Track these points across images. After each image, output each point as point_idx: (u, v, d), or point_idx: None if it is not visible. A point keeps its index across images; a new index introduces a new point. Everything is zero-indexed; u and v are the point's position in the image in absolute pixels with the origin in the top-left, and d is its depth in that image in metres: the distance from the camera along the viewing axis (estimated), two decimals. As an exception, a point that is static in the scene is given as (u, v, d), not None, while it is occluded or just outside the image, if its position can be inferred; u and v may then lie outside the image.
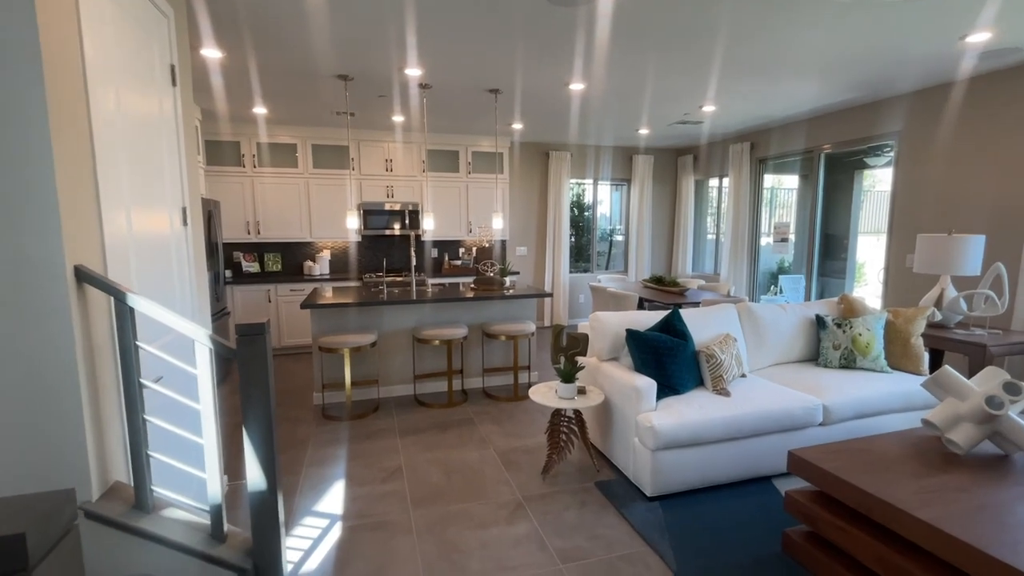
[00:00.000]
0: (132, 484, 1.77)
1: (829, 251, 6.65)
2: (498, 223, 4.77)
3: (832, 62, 3.64)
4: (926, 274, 4.27)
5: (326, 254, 6.13)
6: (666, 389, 2.82)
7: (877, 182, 6.85)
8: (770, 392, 2.88)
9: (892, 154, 4.80)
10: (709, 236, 7.82)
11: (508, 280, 4.74)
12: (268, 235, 5.78)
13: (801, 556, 2.12)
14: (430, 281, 5.95)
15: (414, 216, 6.10)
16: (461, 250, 6.63)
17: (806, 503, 2.11)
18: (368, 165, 5.98)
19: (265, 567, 1.80)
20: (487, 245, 6.43)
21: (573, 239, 7.57)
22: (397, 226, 6.05)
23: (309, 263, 5.99)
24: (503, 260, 5.46)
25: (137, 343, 1.67)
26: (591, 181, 7.44)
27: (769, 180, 6.63)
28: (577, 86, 4.19)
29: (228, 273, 5.78)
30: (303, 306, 3.81)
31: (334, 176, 5.89)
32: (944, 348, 3.51)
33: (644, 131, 6.21)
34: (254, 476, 1.72)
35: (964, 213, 4.11)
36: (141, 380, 1.69)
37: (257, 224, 5.72)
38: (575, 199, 7.63)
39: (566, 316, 7.23)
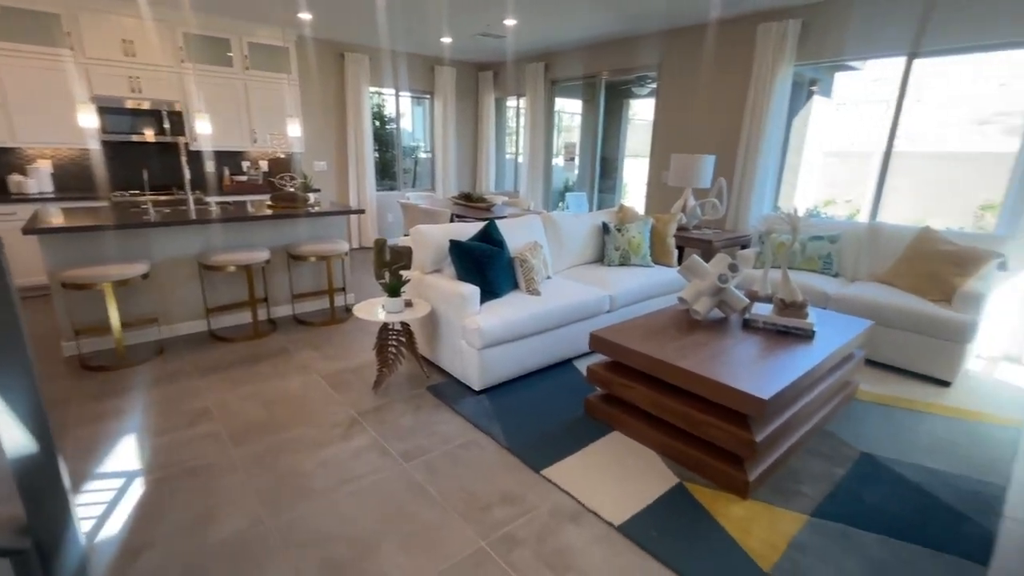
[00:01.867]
0: None
1: (604, 171, 7.68)
2: (295, 130, 4.21)
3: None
4: (676, 186, 5.30)
5: (44, 166, 4.62)
6: (487, 294, 3.04)
7: (638, 112, 8.02)
8: (571, 289, 3.35)
9: (653, 85, 5.64)
10: (508, 155, 8.24)
11: (312, 197, 4.31)
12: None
13: (599, 414, 2.64)
14: (211, 200, 5.02)
15: (176, 119, 4.94)
16: (246, 163, 5.69)
17: (602, 371, 2.60)
18: (96, 45, 4.51)
19: (52, 543, 1.48)
20: (282, 157, 5.64)
21: (377, 155, 7.15)
22: (149, 131, 4.83)
23: (18, 177, 4.45)
24: (302, 174, 4.90)
25: None
26: (392, 92, 7.00)
27: (559, 103, 7.18)
28: (377, -24, 3.77)
29: None
30: (28, 231, 2.88)
31: (41, 57, 4.32)
32: (687, 245, 4.51)
33: (447, 40, 6.00)
34: (15, 436, 1.35)
35: (701, 137, 5.16)
36: None
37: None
38: (376, 110, 7.12)
39: (375, 235, 6.98)
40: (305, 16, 5.02)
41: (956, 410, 2.82)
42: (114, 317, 3.14)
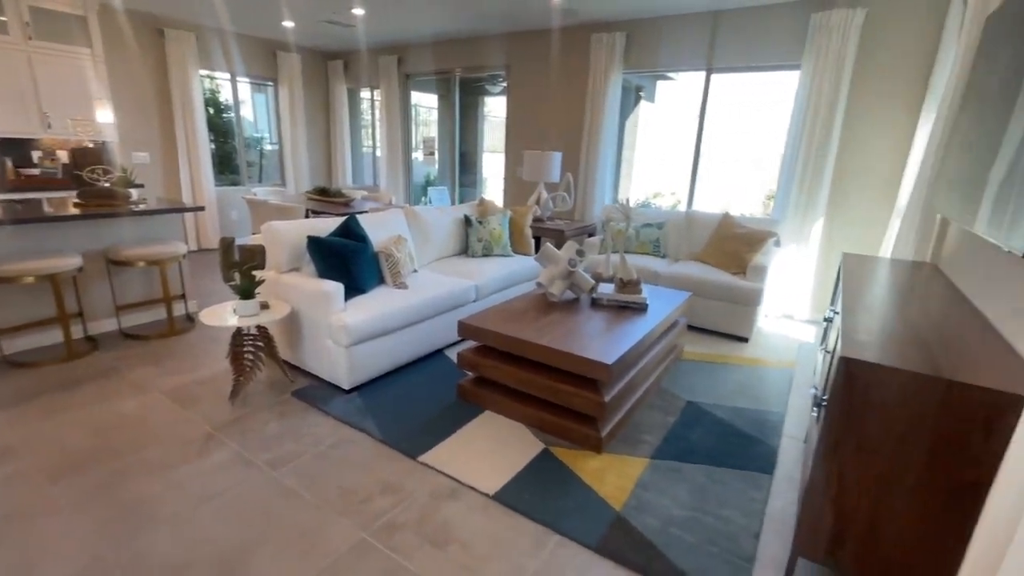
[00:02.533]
0: None
1: (464, 165, 7.87)
2: (104, 116, 3.62)
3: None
4: (530, 181, 5.65)
5: None
6: (352, 290, 2.99)
7: (493, 108, 8.35)
8: (437, 281, 3.44)
9: (504, 84, 5.94)
10: (365, 148, 7.99)
11: (134, 193, 3.76)
12: None
13: (471, 397, 2.79)
14: (-13, 199, 4.08)
15: (-74, 97, 3.91)
16: (37, 154, 4.72)
17: (472, 356, 2.74)
18: None
19: None
20: (90, 147, 4.78)
21: (214, 146, 6.42)
22: None
23: None
24: (121, 168, 4.23)
25: None
26: (227, 76, 6.33)
27: (414, 97, 7.16)
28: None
29: None
30: None
31: None
32: (542, 235, 4.87)
33: (289, 24, 5.61)
34: None
35: (549, 134, 5.58)
36: None
37: None
38: (209, 96, 6.38)
39: (218, 235, 6.29)
40: (108, -18, 4.31)
41: (751, 359, 3.52)
42: None
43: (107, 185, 3.67)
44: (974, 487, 1.33)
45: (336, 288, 2.80)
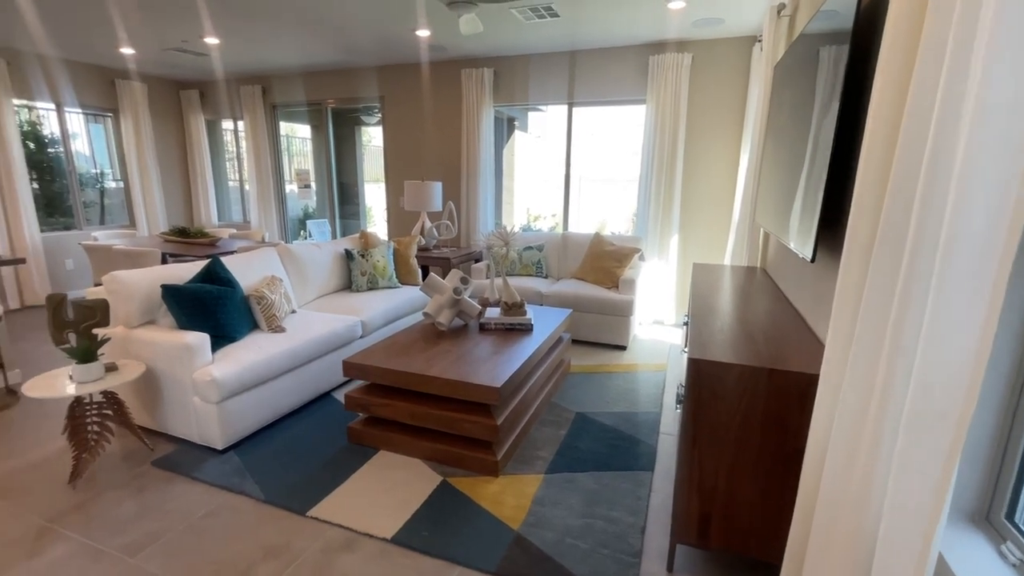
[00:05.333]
0: None
1: (344, 197, 7.64)
2: None
3: (316, 22, 4.08)
4: (412, 211, 5.65)
5: None
6: (221, 339, 2.75)
7: (373, 138, 8.26)
8: (318, 320, 3.28)
9: (380, 115, 5.92)
10: (231, 182, 7.41)
11: (-76, 248, 3.11)
12: None
13: (363, 438, 2.68)
14: None
15: None
16: None
17: (361, 396, 2.65)
18: None
19: None
20: None
21: (38, 186, 5.54)
22: None
23: None
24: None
25: None
26: (52, 106, 5.53)
27: (284, 127, 6.84)
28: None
29: None
30: None
31: None
32: (428, 264, 4.88)
33: (129, 51, 5.08)
34: None
35: (429, 164, 5.65)
36: None
37: None
38: (27, 129, 5.51)
39: (48, 290, 5.38)
40: None
41: (630, 366, 3.83)
42: None
43: None
44: (797, 454, 1.59)
45: (200, 339, 2.55)
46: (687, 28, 4.07)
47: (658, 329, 4.76)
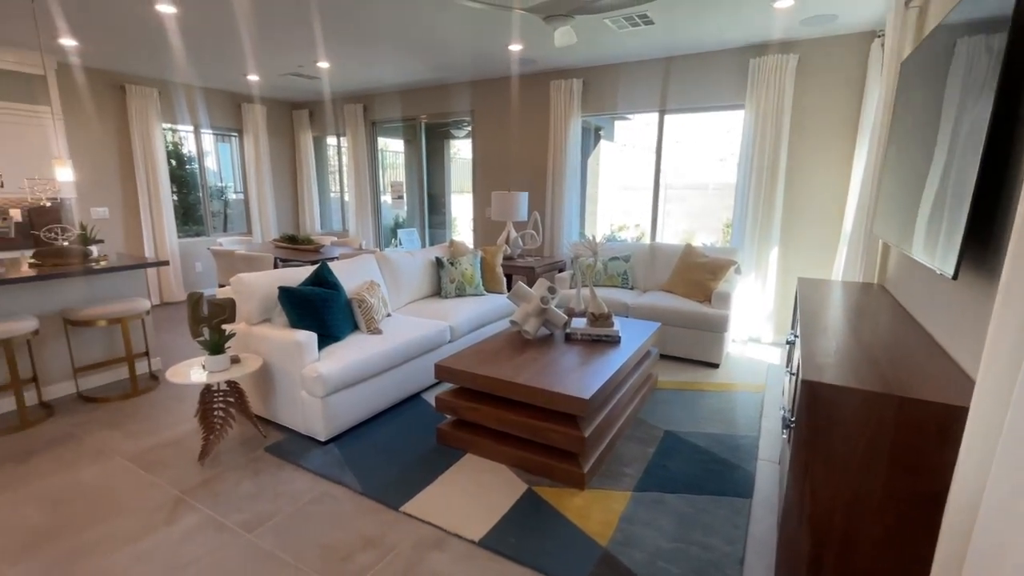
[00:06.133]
0: None
1: (432, 207, 7.98)
2: (66, 175, 3.57)
3: (417, 44, 4.33)
4: (498, 220, 5.78)
5: None
6: (326, 338, 2.97)
7: (460, 150, 8.57)
8: (412, 324, 3.44)
9: (469, 128, 6.13)
10: (333, 194, 8.02)
11: (94, 250, 3.67)
12: None
13: (452, 440, 2.76)
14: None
15: None
16: (-12, 214, 4.57)
17: (450, 399, 2.74)
18: None
19: None
20: (47, 205, 4.65)
21: (177, 198, 6.34)
22: None
23: None
24: (80, 225, 4.13)
25: None
26: (191, 128, 6.33)
27: (382, 142, 7.30)
28: (167, 8, 3.48)
29: None
30: None
31: None
32: (513, 272, 4.95)
33: (254, 78, 5.70)
34: None
35: (515, 174, 5.75)
36: None
37: None
38: (171, 149, 6.35)
39: (182, 289, 6.13)
40: (69, 42, 4.32)
41: (723, 384, 3.62)
42: None
43: (64, 244, 3.57)
44: (935, 497, 1.41)
45: (309, 338, 2.77)
46: (793, 27, 3.83)
47: (754, 347, 4.46)
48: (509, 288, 5.27)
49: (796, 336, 2.28)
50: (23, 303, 3.20)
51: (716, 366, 3.97)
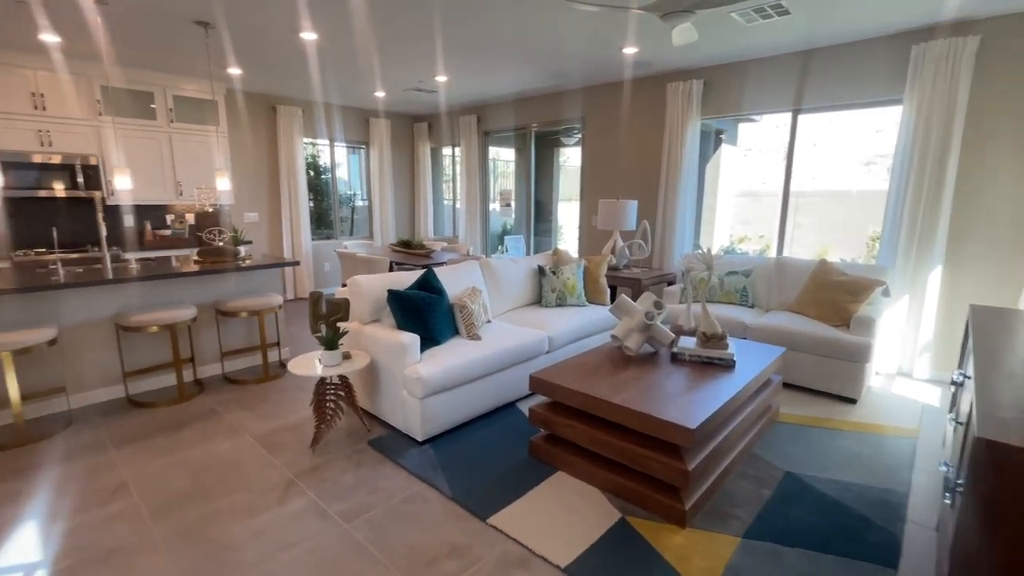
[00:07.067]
0: None
1: (539, 214, 8.00)
2: (224, 184, 4.12)
3: (531, 52, 4.33)
4: (605, 229, 5.60)
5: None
6: (428, 341, 3.06)
7: (569, 158, 8.51)
8: (510, 332, 3.42)
9: (579, 135, 6.04)
10: (446, 201, 8.41)
11: (243, 250, 4.20)
12: None
13: (543, 455, 2.68)
14: (130, 256, 4.75)
15: (92, 173, 4.70)
16: (170, 217, 5.46)
17: (544, 412, 2.66)
18: (2, 99, 4.28)
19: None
20: (210, 210, 5.46)
21: (312, 204, 7.08)
22: (59, 185, 4.57)
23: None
24: (232, 228, 4.77)
25: None
26: (326, 142, 7.03)
27: (493, 151, 7.49)
28: (309, 35, 3.88)
29: None
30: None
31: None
32: (617, 284, 4.75)
33: (380, 94, 6.17)
34: None
35: (624, 182, 5.54)
36: None
37: None
38: (310, 160, 7.11)
39: (312, 286, 6.82)
40: (234, 71, 5.02)
41: (862, 425, 3.10)
42: (13, 389, 2.86)
43: (221, 244, 4.12)
44: None
45: (412, 340, 2.87)
46: (972, 4, 3.19)
47: (904, 383, 3.79)
48: (613, 299, 5.07)
49: (966, 376, 1.86)
50: (187, 294, 3.74)
51: (853, 401, 3.42)
